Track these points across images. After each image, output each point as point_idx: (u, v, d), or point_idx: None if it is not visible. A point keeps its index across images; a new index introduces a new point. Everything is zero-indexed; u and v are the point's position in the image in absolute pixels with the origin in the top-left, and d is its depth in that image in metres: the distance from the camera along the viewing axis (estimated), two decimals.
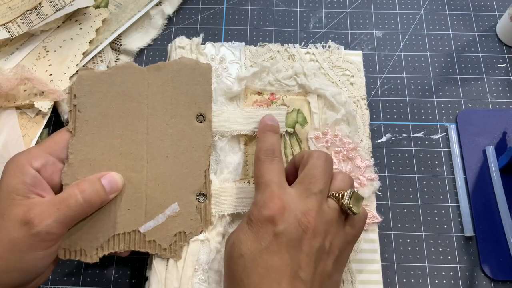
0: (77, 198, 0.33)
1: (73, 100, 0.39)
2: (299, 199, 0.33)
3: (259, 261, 0.31)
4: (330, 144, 0.42)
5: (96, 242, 0.36)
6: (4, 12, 0.51)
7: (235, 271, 0.32)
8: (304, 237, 0.31)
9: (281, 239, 0.31)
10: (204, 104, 0.41)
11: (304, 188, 0.34)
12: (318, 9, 0.56)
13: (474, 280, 0.42)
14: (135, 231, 0.37)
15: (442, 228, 0.44)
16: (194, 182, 0.39)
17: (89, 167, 0.37)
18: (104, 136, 0.38)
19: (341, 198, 0.34)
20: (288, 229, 0.31)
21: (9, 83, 0.45)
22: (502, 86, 0.51)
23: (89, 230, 0.36)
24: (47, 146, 0.37)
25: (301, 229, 0.32)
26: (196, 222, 0.38)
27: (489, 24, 0.55)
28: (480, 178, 0.46)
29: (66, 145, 0.37)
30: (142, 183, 0.38)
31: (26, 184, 0.33)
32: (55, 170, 0.37)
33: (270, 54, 0.47)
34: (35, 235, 0.31)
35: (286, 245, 0.31)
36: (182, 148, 0.39)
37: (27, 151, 0.36)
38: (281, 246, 0.31)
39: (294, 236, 0.31)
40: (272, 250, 0.31)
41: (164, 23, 0.55)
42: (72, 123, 0.38)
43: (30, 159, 0.35)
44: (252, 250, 0.31)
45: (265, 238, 0.31)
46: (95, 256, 0.36)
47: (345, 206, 0.33)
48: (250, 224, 0.33)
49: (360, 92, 0.45)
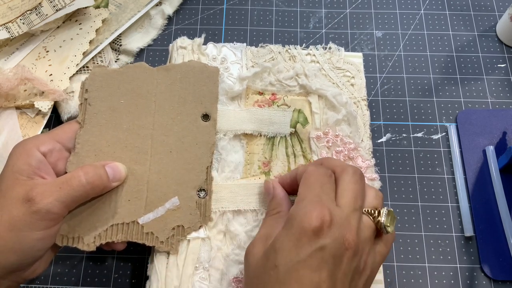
0: (80, 179, 0.34)
1: (85, 94, 0.40)
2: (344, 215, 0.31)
3: (294, 274, 0.29)
4: (331, 144, 0.42)
5: (94, 230, 0.36)
6: (4, 12, 0.51)
7: (265, 283, 0.29)
8: (345, 255, 0.29)
9: (324, 254, 0.29)
10: (210, 104, 0.42)
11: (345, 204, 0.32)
12: (318, 9, 0.56)
13: (474, 280, 0.43)
14: (133, 222, 0.37)
15: (442, 228, 0.45)
16: (196, 178, 0.39)
17: (95, 157, 0.38)
18: (111, 129, 0.39)
19: (377, 216, 0.32)
20: (333, 244, 0.29)
21: (9, 83, 0.45)
22: (502, 86, 0.51)
23: (88, 218, 0.36)
24: (55, 134, 0.37)
25: (344, 246, 0.29)
26: (195, 217, 0.38)
27: (489, 24, 0.55)
28: (480, 178, 0.46)
29: (74, 136, 0.38)
30: (144, 176, 0.38)
31: (31, 166, 0.34)
32: (60, 157, 0.37)
33: (271, 55, 0.47)
34: (36, 213, 0.31)
35: (327, 261, 0.29)
36: (186, 145, 0.40)
37: (35, 136, 0.36)
38: (322, 262, 0.29)
39: (337, 253, 0.29)
40: (311, 264, 0.29)
41: (164, 23, 0.55)
42: (81, 115, 0.39)
43: (38, 143, 0.35)
44: (288, 260, 0.29)
45: (306, 249, 0.29)
46: (92, 244, 0.36)
47: (382, 225, 0.32)
48: (290, 231, 0.30)
49: (361, 93, 0.45)
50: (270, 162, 0.42)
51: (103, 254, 0.43)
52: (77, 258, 0.44)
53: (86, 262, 0.43)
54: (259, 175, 0.42)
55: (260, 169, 0.42)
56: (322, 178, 0.33)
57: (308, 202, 0.31)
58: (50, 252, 0.36)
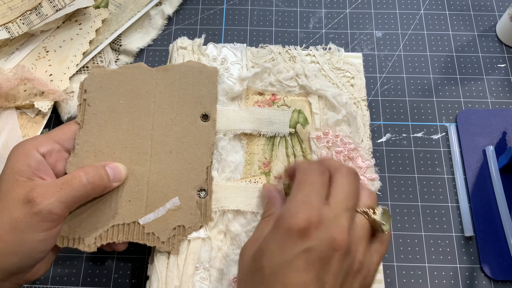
0: (81, 179, 0.33)
1: (84, 95, 0.40)
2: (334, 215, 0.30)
3: (279, 276, 0.28)
4: (331, 144, 0.42)
5: (95, 231, 0.36)
6: (4, 12, 0.51)
7: (252, 284, 0.29)
8: (334, 256, 0.28)
9: (311, 256, 0.28)
10: (209, 105, 0.42)
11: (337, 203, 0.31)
12: (318, 9, 0.56)
13: (474, 280, 0.43)
14: (134, 223, 0.37)
15: (442, 228, 0.45)
16: (196, 178, 0.39)
17: (94, 158, 0.38)
18: (110, 130, 0.39)
19: (373, 214, 0.32)
20: (320, 246, 0.28)
21: (9, 83, 0.45)
22: (502, 86, 0.51)
23: (89, 219, 0.36)
24: (54, 134, 0.37)
25: (333, 247, 0.28)
26: (196, 217, 0.38)
27: (489, 24, 0.55)
28: (480, 178, 0.46)
29: (73, 136, 0.38)
30: (144, 176, 0.38)
31: (31, 167, 0.34)
32: (60, 158, 0.37)
33: (271, 56, 0.47)
34: (37, 214, 0.31)
35: (314, 263, 0.28)
36: (186, 145, 0.40)
37: (34, 137, 0.36)
38: (308, 264, 0.28)
39: (324, 255, 0.28)
40: (297, 266, 0.28)
41: (164, 23, 0.55)
42: (80, 116, 0.39)
43: (37, 144, 0.35)
44: (274, 262, 0.29)
45: (292, 250, 0.28)
46: (93, 245, 0.36)
47: (377, 223, 0.32)
48: (277, 232, 0.30)
49: (361, 93, 0.45)
50: (270, 163, 0.42)
51: (103, 254, 0.43)
52: (78, 258, 0.44)
53: (86, 262, 0.43)
54: (259, 175, 0.42)
55: (260, 169, 0.42)
56: (313, 177, 0.32)
57: (296, 202, 0.31)
58: (51, 253, 0.36)
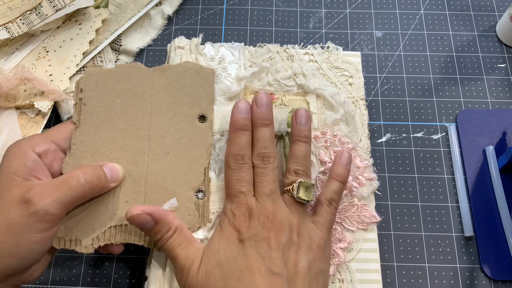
0: (78, 178, 0.33)
1: (79, 94, 0.40)
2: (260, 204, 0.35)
3: (233, 266, 0.33)
4: (329, 144, 0.42)
5: (92, 233, 0.36)
6: (4, 12, 0.51)
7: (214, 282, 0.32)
8: (271, 236, 0.33)
9: (250, 243, 0.33)
10: (206, 106, 0.42)
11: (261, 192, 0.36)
12: (318, 9, 0.56)
13: (474, 280, 0.42)
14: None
15: (442, 228, 0.44)
16: (194, 179, 0.39)
17: (91, 158, 0.38)
18: (107, 130, 0.39)
19: (292, 191, 0.36)
20: (254, 235, 0.34)
21: (9, 83, 0.46)
22: (502, 86, 0.51)
23: (86, 220, 0.36)
24: (50, 134, 0.37)
25: (266, 231, 0.34)
26: (194, 218, 0.38)
27: (489, 24, 0.55)
28: (480, 178, 0.46)
29: (69, 136, 0.38)
30: (142, 177, 0.38)
31: (27, 167, 0.33)
32: (56, 158, 0.37)
33: (269, 55, 0.47)
34: (33, 214, 0.31)
35: (255, 247, 0.33)
36: (183, 146, 0.40)
37: (30, 137, 0.36)
38: (251, 249, 0.33)
39: (260, 238, 0.33)
40: (243, 253, 0.33)
41: (164, 23, 0.55)
42: (76, 116, 0.39)
43: (33, 144, 0.35)
44: (226, 256, 0.33)
45: (235, 244, 0.34)
46: (90, 246, 0.36)
47: (296, 197, 0.36)
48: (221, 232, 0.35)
49: (359, 92, 0.45)
50: None
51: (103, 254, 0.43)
52: (77, 258, 0.44)
53: (86, 262, 0.43)
54: None
55: None
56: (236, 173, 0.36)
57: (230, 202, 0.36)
58: (47, 255, 0.35)
